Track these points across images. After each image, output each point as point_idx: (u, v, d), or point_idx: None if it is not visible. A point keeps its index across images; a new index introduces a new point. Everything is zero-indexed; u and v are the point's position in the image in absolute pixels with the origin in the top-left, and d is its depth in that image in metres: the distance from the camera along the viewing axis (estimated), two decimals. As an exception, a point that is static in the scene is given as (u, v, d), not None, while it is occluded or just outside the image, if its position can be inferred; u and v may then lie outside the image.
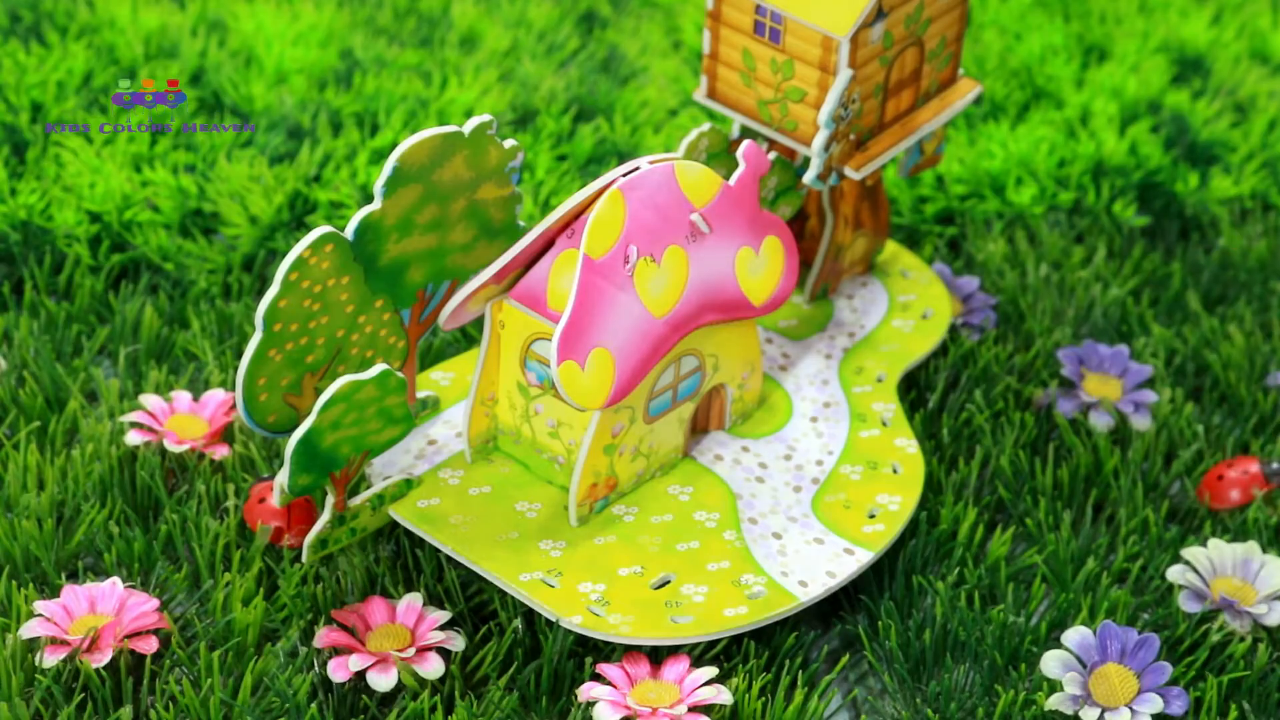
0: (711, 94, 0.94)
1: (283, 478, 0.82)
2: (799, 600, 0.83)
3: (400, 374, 0.82)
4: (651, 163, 0.83)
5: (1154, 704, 0.80)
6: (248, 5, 1.21)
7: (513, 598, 0.85)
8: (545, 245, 0.84)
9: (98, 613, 0.82)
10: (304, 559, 0.85)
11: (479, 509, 0.87)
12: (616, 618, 0.82)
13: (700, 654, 0.84)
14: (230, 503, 0.89)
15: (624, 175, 0.83)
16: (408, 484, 0.87)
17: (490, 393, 0.88)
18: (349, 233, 0.82)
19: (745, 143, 0.86)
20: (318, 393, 0.81)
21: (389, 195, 0.82)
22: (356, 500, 0.85)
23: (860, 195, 0.97)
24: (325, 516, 0.84)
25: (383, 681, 0.80)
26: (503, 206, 0.86)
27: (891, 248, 1.02)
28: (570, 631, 0.83)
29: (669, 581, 0.84)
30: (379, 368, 0.81)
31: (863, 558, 0.85)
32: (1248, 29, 1.25)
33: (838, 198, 0.97)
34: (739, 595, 0.83)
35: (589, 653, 0.84)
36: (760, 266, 0.87)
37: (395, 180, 0.82)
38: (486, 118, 0.84)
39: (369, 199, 0.83)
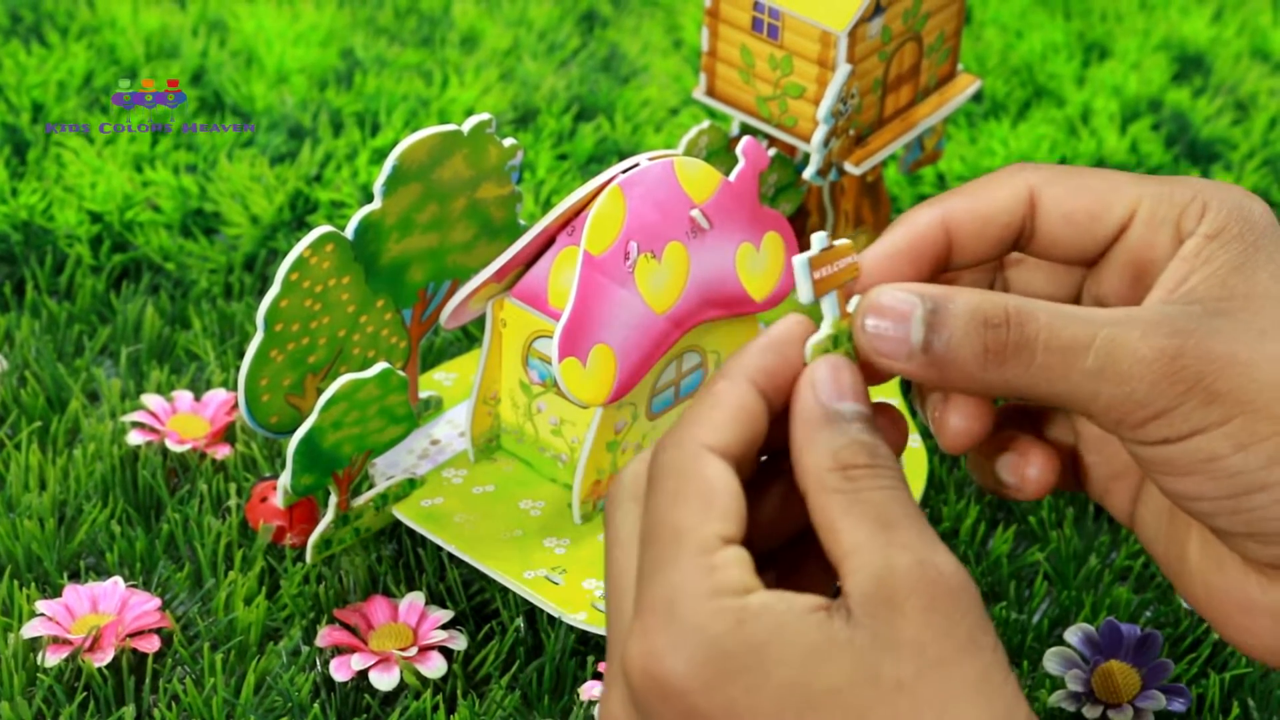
0: (710, 92, 0.94)
1: (285, 478, 0.82)
2: (801, 596, 0.83)
3: (402, 372, 0.82)
4: (650, 159, 0.83)
5: (1156, 701, 0.80)
6: (248, 5, 1.21)
7: (515, 596, 0.85)
8: (545, 243, 0.84)
9: (99, 612, 0.82)
10: (308, 559, 0.85)
11: (483, 507, 0.87)
12: (619, 615, 0.82)
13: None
14: (232, 502, 0.89)
15: (623, 172, 0.83)
16: (411, 483, 0.87)
17: (493, 391, 0.88)
18: (349, 232, 0.82)
19: (744, 139, 0.86)
20: (319, 393, 0.81)
21: (389, 194, 0.82)
22: (359, 500, 0.85)
23: (861, 192, 0.97)
24: (329, 516, 0.84)
25: (385, 680, 0.80)
26: (503, 205, 0.86)
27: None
28: (572, 630, 0.83)
29: (671, 578, 0.84)
30: (380, 366, 0.81)
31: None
32: (1248, 26, 1.25)
33: (838, 194, 0.97)
34: (741, 591, 0.83)
35: (591, 651, 0.84)
36: (761, 262, 0.87)
37: (395, 179, 0.82)
38: (485, 116, 0.84)
39: (370, 198, 0.83)
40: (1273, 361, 0.64)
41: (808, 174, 0.91)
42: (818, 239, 0.65)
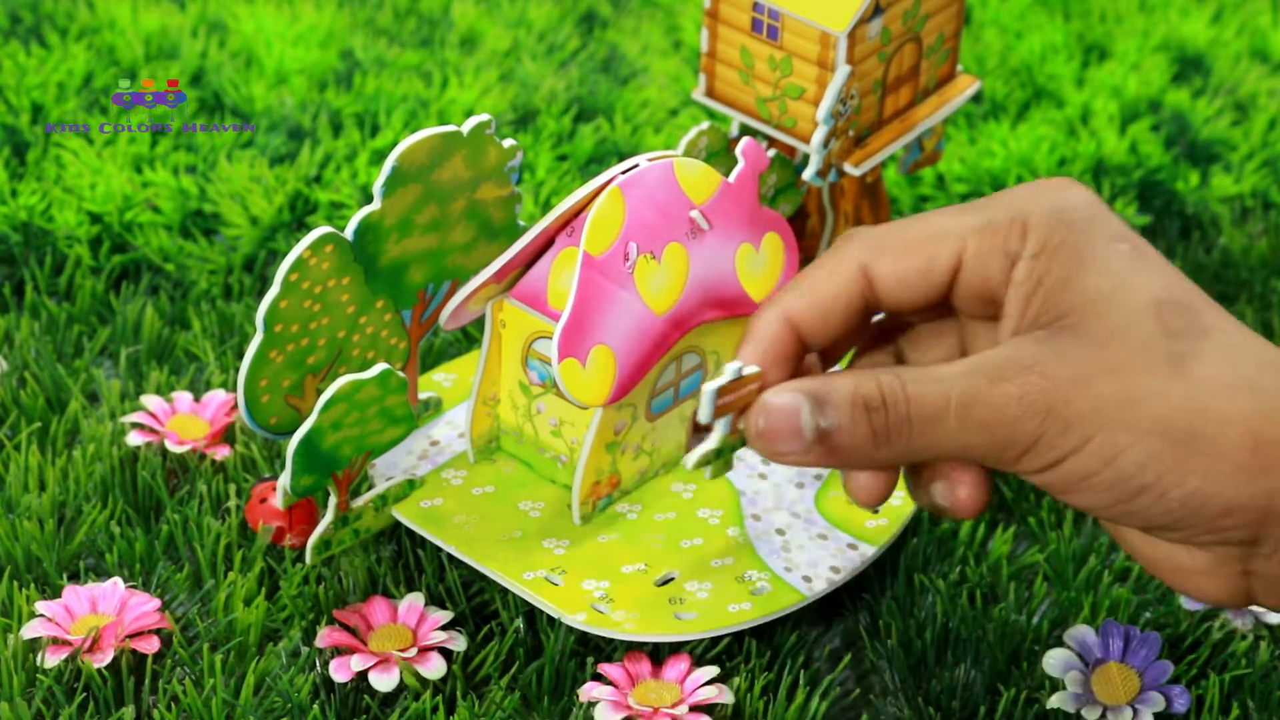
0: (710, 92, 0.94)
1: (285, 479, 0.82)
2: (803, 596, 0.83)
3: (401, 374, 0.82)
4: (650, 160, 0.83)
5: (1156, 702, 0.80)
6: (248, 6, 1.21)
7: (514, 597, 0.85)
8: (545, 244, 0.84)
9: (99, 613, 0.82)
10: (307, 560, 0.85)
11: (482, 508, 0.87)
12: (620, 615, 0.82)
13: (702, 653, 0.83)
14: (232, 503, 0.89)
15: (623, 173, 0.83)
16: (410, 484, 0.87)
17: (492, 392, 0.88)
18: (349, 233, 0.82)
19: (744, 140, 0.86)
20: (319, 394, 0.81)
21: (388, 195, 0.82)
22: (359, 501, 0.85)
23: (860, 193, 0.97)
24: (328, 517, 0.84)
25: (384, 681, 0.80)
26: (502, 206, 0.86)
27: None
28: (572, 631, 0.83)
29: (672, 579, 0.84)
30: (379, 367, 0.81)
31: (866, 552, 0.85)
32: (1248, 27, 1.25)
33: (838, 195, 0.97)
34: (743, 591, 0.83)
35: (590, 652, 0.84)
36: (761, 263, 0.87)
37: (394, 180, 0.82)
38: (485, 117, 0.84)
39: (370, 199, 0.83)
40: (1112, 372, 0.67)
41: (807, 175, 0.91)
42: (730, 369, 0.69)
